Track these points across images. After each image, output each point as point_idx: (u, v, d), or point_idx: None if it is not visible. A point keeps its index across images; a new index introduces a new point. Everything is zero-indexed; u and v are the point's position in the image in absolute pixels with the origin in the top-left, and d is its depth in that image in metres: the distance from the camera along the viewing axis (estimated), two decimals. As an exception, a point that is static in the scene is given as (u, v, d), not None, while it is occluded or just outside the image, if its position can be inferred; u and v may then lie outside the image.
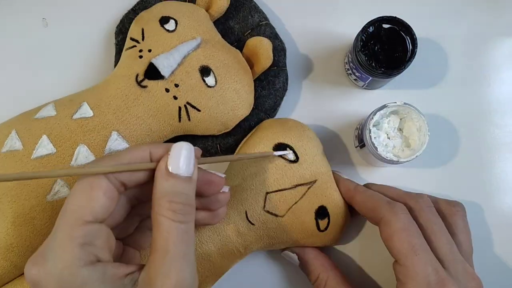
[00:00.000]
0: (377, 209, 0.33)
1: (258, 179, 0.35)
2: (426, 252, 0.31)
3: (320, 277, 0.36)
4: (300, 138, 0.36)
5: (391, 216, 0.32)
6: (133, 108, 0.35)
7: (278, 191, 0.35)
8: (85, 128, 0.34)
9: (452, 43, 0.43)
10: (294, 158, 0.35)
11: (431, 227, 0.32)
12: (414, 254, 0.30)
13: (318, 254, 0.37)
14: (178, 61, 0.36)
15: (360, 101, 0.42)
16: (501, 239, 0.41)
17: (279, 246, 0.37)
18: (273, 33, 0.41)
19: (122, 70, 0.36)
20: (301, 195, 0.35)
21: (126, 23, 0.41)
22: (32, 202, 0.33)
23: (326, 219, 0.35)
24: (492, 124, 0.42)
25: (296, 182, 0.35)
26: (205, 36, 0.37)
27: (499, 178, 0.41)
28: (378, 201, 0.34)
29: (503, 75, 0.43)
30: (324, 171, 0.36)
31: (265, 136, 0.36)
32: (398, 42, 0.37)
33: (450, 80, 0.43)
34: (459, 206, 0.36)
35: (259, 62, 0.38)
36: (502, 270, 0.40)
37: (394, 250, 0.31)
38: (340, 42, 0.43)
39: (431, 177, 0.41)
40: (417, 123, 0.37)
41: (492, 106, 0.42)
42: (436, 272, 0.30)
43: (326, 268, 0.36)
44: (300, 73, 0.43)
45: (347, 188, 0.36)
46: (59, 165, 0.33)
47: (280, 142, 0.36)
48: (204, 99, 0.36)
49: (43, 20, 0.43)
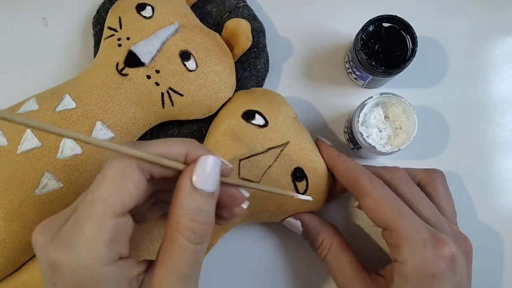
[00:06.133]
0: (357, 181, 0.33)
1: (230, 148, 0.35)
2: (411, 214, 0.31)
3: (325, 241, 0.36)
4: (268, 103, 0.36)
5: (370, 187, 0.32)
6: (116, 97, 0.35)
7: (250, 156, 0.35)
8: (69, 119, 0.34)
9: (452, 42, 0.43)
10: (263, 123, 0.35)
11: (411, 197, 0.33)
12: (400, 216, 0.30)
13: (323, 220, 0.37)
14: (158, 47, 0.36)
15: (361, 100, 0.41)
16: (503, 240, 0.40)
17: (262, 215, 0.37)
18: (251, 15, 0.41)
19: (102, 59, 0.36)
20: (274, 158, 0.35)
21: (103, 13, 0.41)
22: (21, 197, 0.33)
23: (304, 181, 0.35)
24: (492, 123, 0.42)
25: (267, 146, 0.35)
26: (183, 21, 0.37)
27: (500, 176, 0.41)
28: (359, 173, 0.34)
29: (503, 73, 0.43)
30: (296, 132, 0.36)
31: (234, 106, 0.37)
32: (398, 41, 0.37)
33: (450, 78, 0.42)
34: (437, 173, 0.36)
35: (238, 44, 0.38)
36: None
37: (380, 219, 0.31)
38: (340, 41, 0.43)
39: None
40: (399, 106, 0.37)
41: (492, 104, 0.42)
42: (428, 229, 0.30)
43: (331, 233, 0.36)
44: (300, 72, 0.43)
45: (329, 155, 0.36)
46: (45, 158, 0.33)
47: (249, 109, 0.36)
48: (186, 83, 0.36)
49: (43, 19, 0.42)
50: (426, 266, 0.29)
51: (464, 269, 0.31)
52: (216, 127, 0.37)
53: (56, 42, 0.42)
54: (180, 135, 0.40)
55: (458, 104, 0.42)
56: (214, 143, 0.36)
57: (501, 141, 0.42)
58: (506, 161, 0.42)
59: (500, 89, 0.43)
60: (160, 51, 0.36)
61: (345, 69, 0.42)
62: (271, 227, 0.41)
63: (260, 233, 0.41)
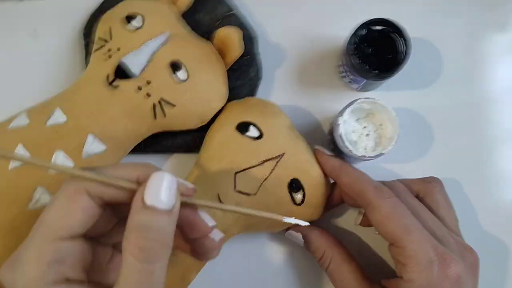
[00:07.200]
0: (363, 193, 0.32)
1: (225, 161, 0.35)
2: (419, 230, 0.31)
3: (326, 254, 0.35)
4: (262, 114, 0.36)
5: (379, 201, 0.31)
6: (107, 109, 0.35)
7: (246, 169, 0.34)
8: (60, 133, 0.34)
9: (445, 42, 0.42)
10: (258, 134, 0.35)
11: (414, 210, 0.32)
12: (408, 234, 0.30)
13: (323, 232, 0.37)
14: (148, 58, 0.35)
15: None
16: (501, 236, 0.40)
17: (259, 226, 0.37)
18: (242, 22, 0.41)
19: (93, 71, 0.36)
20: (270, 170, 0.35)
21: (93, 23, 0.40)
22: (14, 212, 0.33)
23: (300, 191, 0.35)
24: (488, 122, 0.42)
25: (263, 158, 0.35)
26: (173, 31, 0.37)
27: (497, 175, 0.41)
28: (365, 185, 0.33)
29: (498, 72, 0.42)
30: (292, 143, 0.35)
31: (227, 117, 0.36)
32: (390, 44, 0.37)
33: (444, 79, 0.42)
34: (434, 181, 0.35)
35: (230, 52, 0.38)
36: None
37: (388, 234, 0.31)
38: (333, 45, 0.42)
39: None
40: (368, 105, 0.36)
41: (488, 103, 0.42)
42: (435, 248, 0.30)
43: (331, 245, 0.35)
44: (294, 78, 0.42)
45: (332, 167, 0.35)
46: (37, 173, 0.33)
47: (243, 121, 0.35)
48: (178, 94, 0.36)
49: (33, 31, 0.42)
50: (432, 286, 0.29)
51: (469, 285, 0.31)
52: (210, 140, 0.36)
53: (46, 54, 0.42)
54: (174, 146, 0.40)
55: (453, 104, 0.42)
56: (209, 157, 0.36)
57: (499, 140, 0.42)
58: (505, 160, 0.41)
59: (495, 88, 0.42)
60: (151, 62, 0.35)
61: (339, 73, 0.42)
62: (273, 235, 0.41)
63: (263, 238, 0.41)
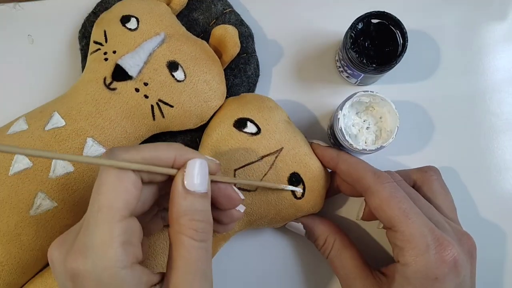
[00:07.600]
0: (362, 179, 0.33)
1: (224, 158, 0.35)
2: (417, 215, 0.31)
3: (328, 240, 0.36)
4: (259, 109, 0.36)
5: (377, 186, 0.32)
6: (105, 112, 0.35)
7: (245, 165, 0.35)
8: (59, 138, 0.34)
9: (443, 33, 0.42)
10: (256, 130, 0.35)
11: (410, 197, 0.32)
12: (406, 218, 0.30)
13: (324, 219, 0.37)
14: (144, 59, 0.35)
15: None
16: (505, 232, 0.40)
17: (261, 222, 0.37)
18: (238, 20, 0.40)
19: (89, 74, 0.36)
20: (269, 166, 0.35)
21: (88, 26, 0.40)
22: (15, 219, 0.32)
23: (300, 185, 0.35)
24: (488, 113, 0.42)
25: (262, 154, 0.35)
26: (169, 31, 0.37)
27: (498, 166, 0.41)
28: (363, 171, 0.33)
29: (496, 62, 0.42)
30: (290, 137, 0.35)
31: (224, 114, 0.36)
32: (388, 37, 0.37)
33: (443, 70, 0.42)
34: (432, 170, 0.36)
35: (227, 50, 0.38)
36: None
37: (386, 219, 0.31)
38: (330, 40, 0.42)
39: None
40: (367, 99, 0.36)
41: (487, 94, 0.42)
42: (432, 232, 0.30)
43: (332, 231, 0.36)
44: (291, 74, 0.42)
45: (329, 156, 0.35)
46: (37, 178, 0.33)
47: (240, 117, 0.35)
48: (176, 94, 0.36)
49: (29, 36, 0.42)
50: (429, 270, 0.29)
51: (467, 270, 0.31)
52: (208, 137, 0.36)
53: (43, 59, 0.42)
54: (173, 146, 0.39)
55: (452, 95, 0.42)
56: (207, 154, 0.35)
57: (498, 130, 0.41)
58: (504, 150, 0.41)
59: (494, 78, 0.42)
60: (147, 63, 0.35)
61: (337, 68, 0.42)
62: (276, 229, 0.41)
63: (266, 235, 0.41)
